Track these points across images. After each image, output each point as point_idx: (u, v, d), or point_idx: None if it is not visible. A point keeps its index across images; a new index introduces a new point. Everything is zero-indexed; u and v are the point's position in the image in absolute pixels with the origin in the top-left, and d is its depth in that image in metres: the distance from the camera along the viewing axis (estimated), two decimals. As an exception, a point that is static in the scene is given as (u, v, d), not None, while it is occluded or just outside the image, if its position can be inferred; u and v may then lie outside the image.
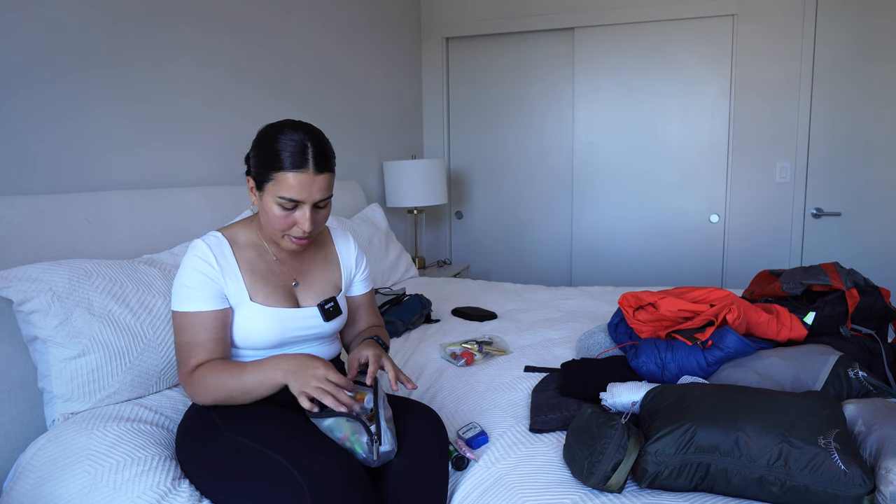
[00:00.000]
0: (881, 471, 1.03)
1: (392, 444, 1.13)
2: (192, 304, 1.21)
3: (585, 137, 3.73)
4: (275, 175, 1.18)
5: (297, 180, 1.17)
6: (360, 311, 1.51)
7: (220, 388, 1.17)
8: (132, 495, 1.13)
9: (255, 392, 1.17)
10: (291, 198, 1.18)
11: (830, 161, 3.33)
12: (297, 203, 1.20)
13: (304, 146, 1.18)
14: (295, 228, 1.23)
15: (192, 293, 1.21)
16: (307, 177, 1.18)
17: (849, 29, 3.22)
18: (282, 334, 1.27)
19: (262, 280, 1.28)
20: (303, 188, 1.18)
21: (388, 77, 3.58)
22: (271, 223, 1.23)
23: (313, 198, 1.20)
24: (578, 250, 3.85)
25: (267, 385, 1.16)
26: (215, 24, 2.18)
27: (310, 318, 1.31)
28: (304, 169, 1.17)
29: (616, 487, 1.10)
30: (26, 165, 1.54)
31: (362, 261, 1.49)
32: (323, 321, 1.33)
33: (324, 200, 1.23)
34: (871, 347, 1.58)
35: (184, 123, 2.05)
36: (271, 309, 1.26)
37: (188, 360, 1.21)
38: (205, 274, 1.21)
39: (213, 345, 1.21)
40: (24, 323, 1.35)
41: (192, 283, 1.21)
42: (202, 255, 1.22)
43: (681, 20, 3.48)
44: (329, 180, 1.22)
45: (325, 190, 1.22)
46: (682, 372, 1.51)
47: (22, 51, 1.51)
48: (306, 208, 1.21)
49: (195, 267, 1.22)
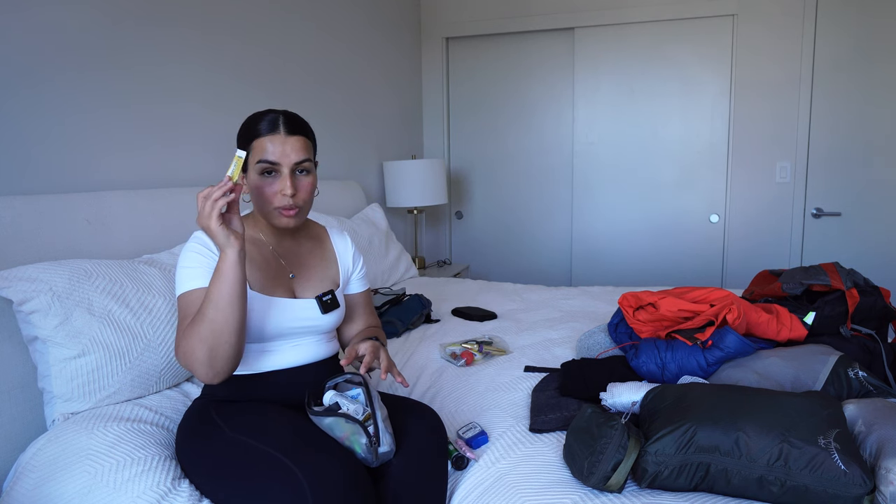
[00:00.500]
0: (881, 471, 1.03)
1: (390, 444, 1.13)
2: (191, 282, 1.19)
3: (585, 137, 3.73)
4: (253, 145, 1.24)
5: (271, 142, 1.23)
6: (356, 310, 1.51)
7: (197, 328, 1.11)
8: (132, 495, 1.14)
9: (222, 296, 1.11)
10: (267, 159, 1.22)
11: (830, 161, 3.33)
12: (275, 167, 1.23)
13: (277, 116, 1.26)
14: (279, 198, 1.24)
15: (191, 272, 1.20)
16: (280, 138, 1.23)
17: (849, 29, 3.22)
18: (279, 324, 1.27)
19: (259, 270, 1.28)
20: (275, 148, 1.23)
21: (388, 77, 3.58)
22: (259, 199, 1.26)
23: (289, 158, 1.23)
24: (578, 250, 3.85)
25: (224, 278, 1.11)
26: (216, 25, 2.18)
27: (307, 310, 1.31)
28: (276, 132, 1.24)
29: (616, 487, 1.10)
30: (26, 165, 1.54)
31: (359, 259, 1.50)
32: (320, 313, 1.33)
33: (302, 164, 1.26)
34: (871, 347, 1.58)
35: (184, 123, 2.05)
36: (268, 298, 1.26)
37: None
38: (203, 255, 1.21)
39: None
40: (24, 323, 1.35)
41: (191, 264, 1.21)
42: (201, 241, 1.23)
43: (681, 20, 3.48)
44: (303, 143, 1.26)
45: (300, 151, 1.25)
46: (682, 372, 1.51)
47: (22, 51, 1.51)
48: (285, 170, 1.24)
49: (193, 250, 1.22)
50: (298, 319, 1.30)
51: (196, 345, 1.11)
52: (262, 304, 1.25)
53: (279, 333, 1.28)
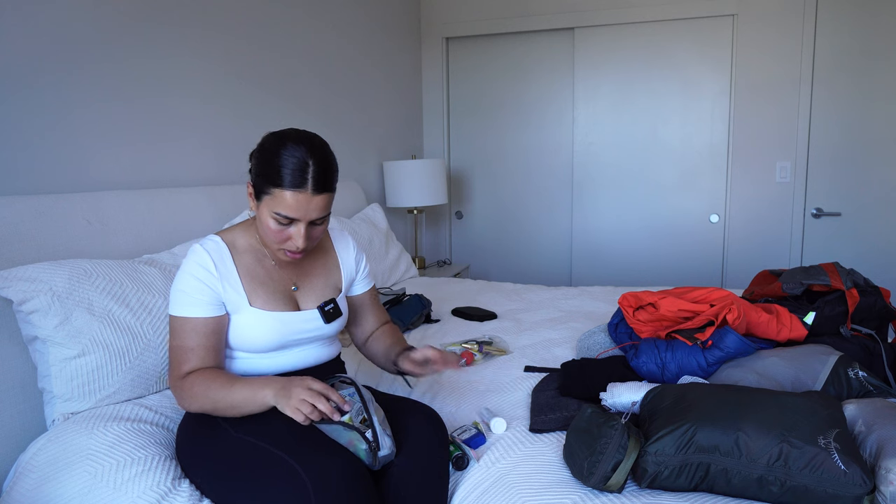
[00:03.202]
0: (881, 471, 1.03)
1: (390, 447, 1.13)
2: (186, 308, 1.20)
3: (585, 137, 3.73)
4: (273, 190, 1.15)
5: (295, 199, 1.15)
6: (366, 309, 1.50)
7: (208, 397, 1.15)
8: (132, 495, 1.14)
9: (242, 408, 1.15)
10: (287, 215, 1.17)
11: (830, 161, 3.33)
12: (293, 220, 1.18)
13: (305, 164, 1.15)
14: (289, 243, 1.22)
15: (187, 298, 1.20)
16: (305, 197, 1.15)
17: (849, 28, 3.22)
18: (282, 338, 1.27)
19: (261, 286, 1.27)
20: (299, 207, 1.16)
21: (388, 77, 3.58)
22: (266, 235, 1.22)
23: (309, 216, 1.18)
24: (578, 250, 3.85)
25: (255, 403, 1.14)
26: (216, 24, 2.18)
27: (310, 321, 1.31)
28: (303, 189, 1.15)
29: (616, 487, 1.10)
30: (26, 165, 1.54)
31: (362, 259, 1.49)
32: (323, 323, 1.33)
33: (320, 218, 1.21)
34: (871, 347, 1.58)
35: (184, 123, 2.05)
36: (271, 313, 1.25)
37: (179, 366, 1.20)
38: (202, 280, 1.20)
39: (203, 352, 1.20)
40: (24, 323, 1.35)
41: (188, 289, 1.20)
42: (201, 262, 1.21)
43: (681, 20, 3.48)
44: (327, 200, 1.19)
45: (323, 209, 1.19)
46: (682, 372, 1.50)
47: (22, 51, 1.51)
48: (301, 226, 1.19)
49: (192, 273, 1.21)
50: (304, 331, 1.30)
51: (196, 404, 1.18)
52: (265, 321, 1.24)
53: (285, 345, 1.28)
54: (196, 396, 1.16)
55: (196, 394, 1.16)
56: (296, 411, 1.07)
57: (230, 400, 1.14)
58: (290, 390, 1.10)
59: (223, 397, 1.15)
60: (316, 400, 1.08)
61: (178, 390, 1.20)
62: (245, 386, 1.15)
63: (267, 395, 1.12)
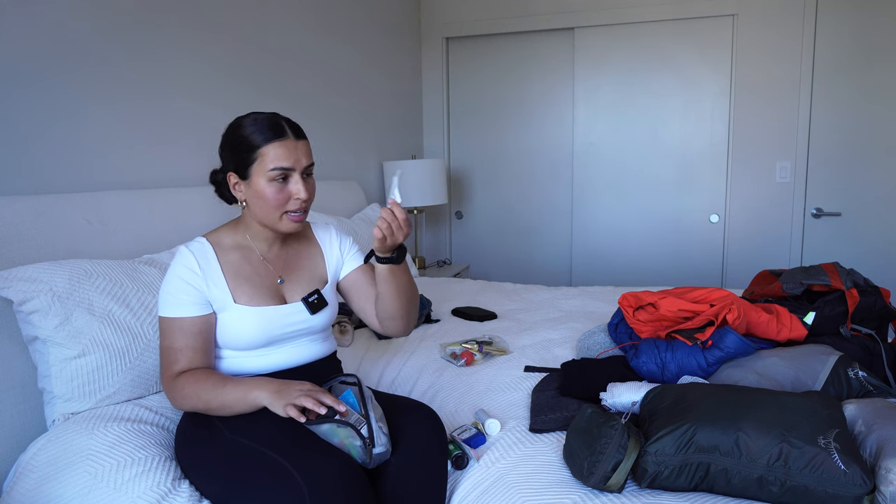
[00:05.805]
0: (881, 471, 1.03)
1: (386, 444, 1.13)
2: (173, 309, 1.22)
3: (585, 137, 3.73)
4: (258, 152, 1.22)
5: (283, 147, 1.22)
6: (368, 285, 1.43)
7: (199, 397, 1.17)
8: (132, 495, 1.14)
9: (233, 408, 1.17)
10: (282, 166, 1.22)
11: (830, 161, 3.33)
12: (288, 172, 1.23)
13: (275, 119, 1.24)
14: (292, 201, 1.25)
15: (173, 299, 1.22)
16: (290, 143, 1.23)
17: (849, 29, 3.22)
18: (268, 333, 1.27)
19: (246, 282, 1.28)
20: (289, 154, 1.22)
21: (388, 77, 3.58)
22: (267, 205, 1.24)
23: (301, 163, 1.25)
24: (578, 250, 3.85)
25: (246, 403, 1.16)
26: (215, 24, 2.18)
27: (296, 314, 1.31)
28: (285, 137, 1.23)
29: (616, 487, 1.10)
30: (26, 165, 1.54)
31: (346, 241, 1.46)
32: (309, 315, 1.33)
33: (309, 168, 1.27)
34: (871, 347, 1.58)
35: (184, 124, 2.05)
36: (256, 308, 1.26)
37: (169, 366, 1.22)
38: (186, 281, 1.22)
39: (192, 353, 1.22)
40: (24, 323, 1.35)
41: (174, 290, 1.23)
42: (185, 263, 1.24)
43: (681, 20, 3.48)
44: (309, 147, 1.28)
45: (309, 155, 1.27)
46: (682, 372, 1.51)
47: (22, 51, 1.51)
48: (297, 175, 1.24)
49: (177, 274, 1.23)
50: (290, 324, 1.30)
51: (187, 404, 1.20)
52: (252, 316, 1.25)
53: (272, 340, 1.28)
54: (188, 397, 1.18)
55: (187, 394, 1.18)
56: (289, 408, 1.10)
57: (221, 400, 1.16)
58: (287, 390, 1.13)
59: (214, 396, 1.16)
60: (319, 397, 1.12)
61: (170, 391, 1.21)
62: (238, 385, 1.17)
63: (260, 396, 1.14)
